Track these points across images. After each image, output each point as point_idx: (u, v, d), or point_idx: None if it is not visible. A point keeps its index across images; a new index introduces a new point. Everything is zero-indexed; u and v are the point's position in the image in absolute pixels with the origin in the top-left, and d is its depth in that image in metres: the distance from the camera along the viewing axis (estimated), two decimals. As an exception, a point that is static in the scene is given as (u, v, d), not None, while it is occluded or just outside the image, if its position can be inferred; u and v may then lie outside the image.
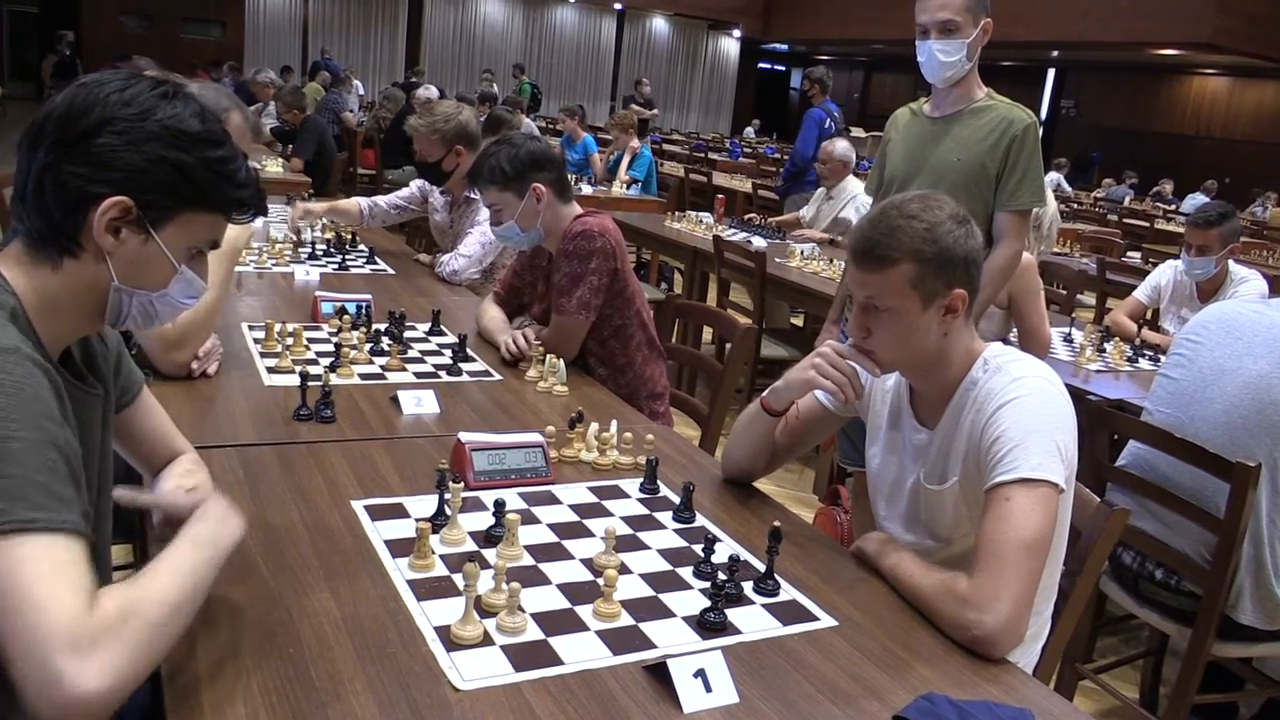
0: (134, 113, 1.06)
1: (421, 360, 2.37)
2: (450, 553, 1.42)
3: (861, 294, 1.51)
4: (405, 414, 1.98)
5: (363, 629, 1.20)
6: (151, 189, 1.08)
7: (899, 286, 1.46)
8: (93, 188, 1.06)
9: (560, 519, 1.58)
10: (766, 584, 1.41)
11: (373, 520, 1.49)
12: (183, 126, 1.09)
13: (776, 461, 1.81)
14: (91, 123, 1.06)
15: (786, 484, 3.98)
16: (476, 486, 1.65)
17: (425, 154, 3.44)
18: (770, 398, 1.70)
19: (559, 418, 1.99)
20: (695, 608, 1.33)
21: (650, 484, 1.73)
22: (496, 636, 1.21)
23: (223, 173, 1.12)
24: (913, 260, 1.45)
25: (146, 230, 1.10)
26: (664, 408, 2.60)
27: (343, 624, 1.20)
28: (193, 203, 1.11)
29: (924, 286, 1.46)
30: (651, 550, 1.50)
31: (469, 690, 1.11)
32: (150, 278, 1.12)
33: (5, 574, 0.89)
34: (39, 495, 0.93)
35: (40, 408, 0.97)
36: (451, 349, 2.40)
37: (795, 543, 1.57)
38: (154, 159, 1.06)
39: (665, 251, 6.08)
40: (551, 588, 1.35)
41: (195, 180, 1.10)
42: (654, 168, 8.06)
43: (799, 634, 1.31)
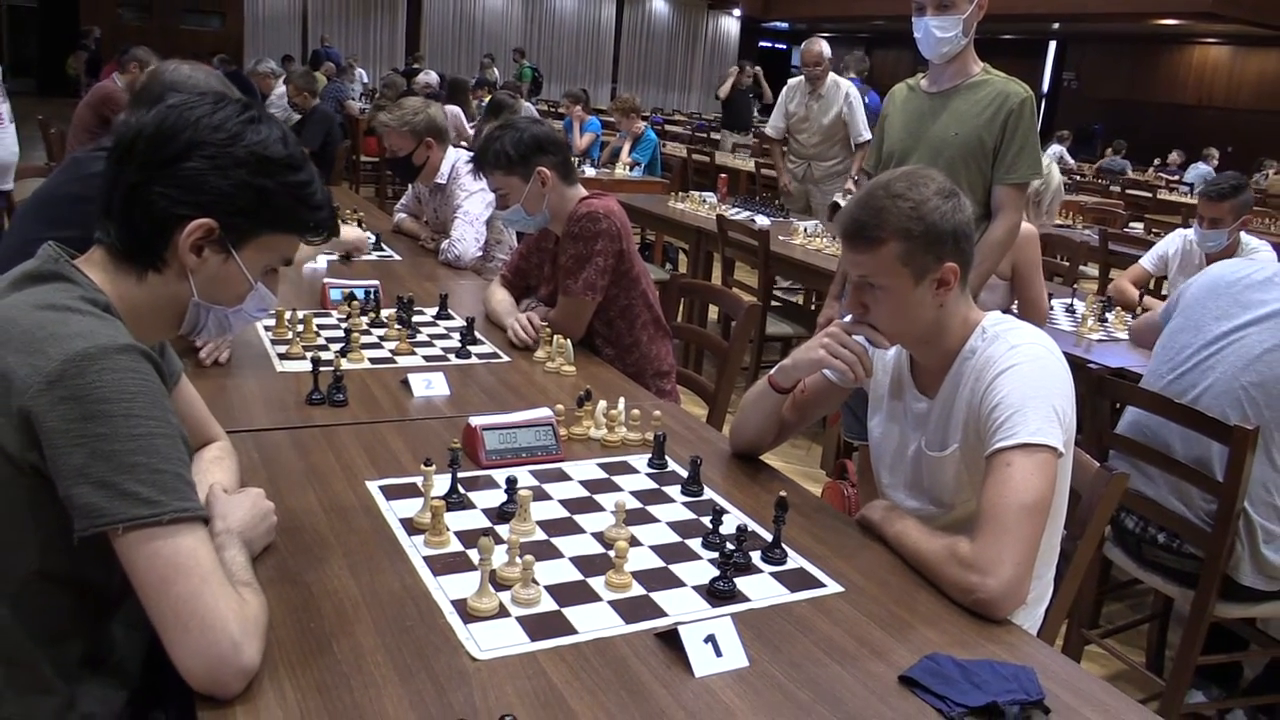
0: (223, 138, 1.09)
1: (430, 344, 2.39)
2: (463, 529, 1.44)
3: (856, 273, 1.52)
4: (416, 396, 2.00)
5: (381, 604, 1.22)
6: (235, 212, 1.11)
7: (890, 265, 1.47)
8: (180, 210, 1.10)
9: (571, 494, 1.59)
10: (774, 553, 1.42)
11: (387, 500, 1.51)
12: (268, 153, 1.12)
13: (783, 435, 1.82)
14: (181, 146, 1.08)
15: (794, 460, 3.99)
16: (489, 465, 1.67)
17: (395, 148, 3.46)
18: (778, 376, 1.71)
19: (567, 397, 2.00)
20: (705, 577, 1.35)
21: (658, 459, 1.74)
22: (511, 608, 1.23)
23: (301, 197, 1.15)
24: (901, 239, 1.46)
25: (228, 250, 1.14)
26: (671, 386, 2.61)
27: (362, 600, 1.22)
28: (272, 225, 1.15)
29: (914, 263, 1.47)
30: (661, 523, 1.52)
31: (486, 660, 1.12)
32: (227, 293, 1.17)
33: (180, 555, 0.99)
34: (185, 486, 1.02)
35: (166, 402, 1.03)
36: (460, 332, 2.41)
37: (801, 513, 1.59)
38: (239, 184, 1.10)
39: (669, 232, 6.07)
40: (564, 561, 1.37)
41: (276, 205, 1.13)
42: (658, 150, 8.05)
43: (806, 600, 1.33)
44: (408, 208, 3.89)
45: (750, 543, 1.44)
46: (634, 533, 1.46)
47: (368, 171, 9.12)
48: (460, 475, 1.56)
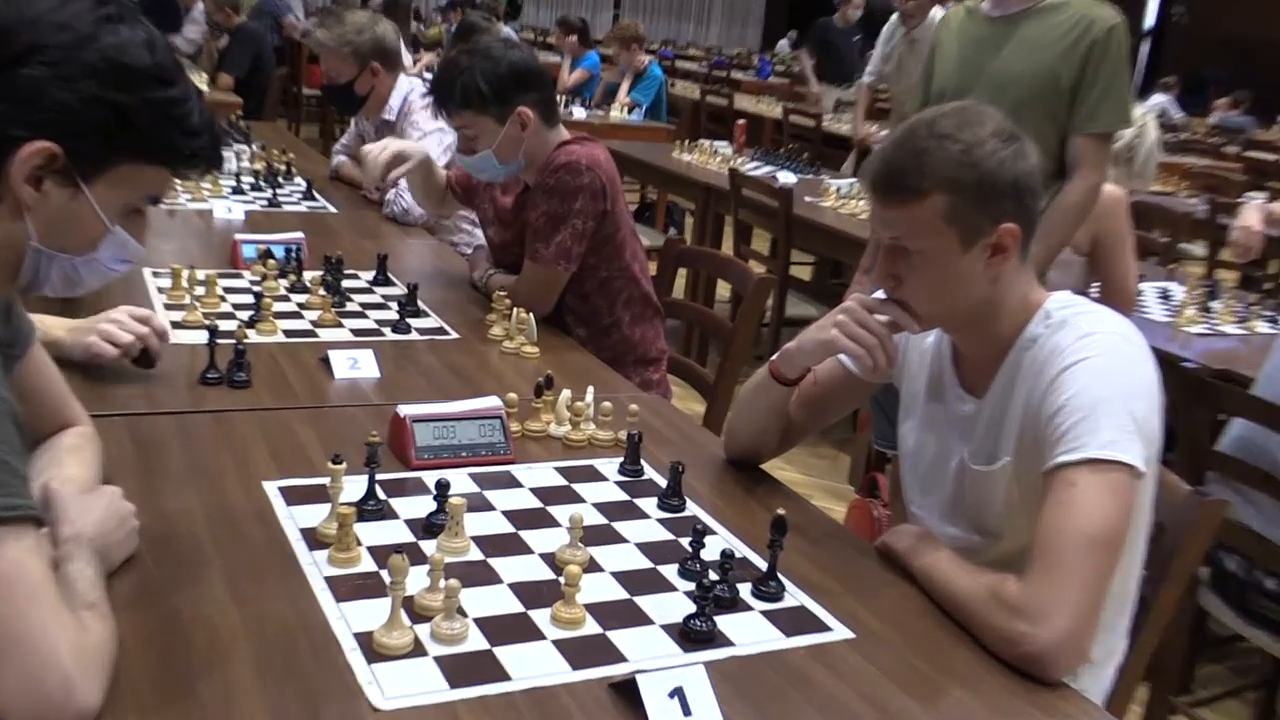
0: (69, 40, 1.04)
1: (362, 315, 2.37)
2: (380, 544, 1.41)
3: (887, 234, 1.49)
4: (337, 378, 1.99)
5: (267, 635, 1.20)
6: (84, 135, 1.06)
7: (931, 224, 1.44)
8: (12, 130, 1.04)
9: (519, 504, 1.58)
10: (767, 586, 1.40)
11: (288, 504, 1.50)
12: (128, 60, 1.06)
13: (790, 439, 1.81)
14: (15, 50, 1.03)
15: (816, 472, 3.99)
16: (420, 466, 1.65)
17: (334, 74, 3.43)
18: (781, 362, 1.68)
19: (527, 384, 1.98)
20: (678, 614, 1.32)
21: (632, 464, 1.73)
22: (430, 645, 1.21)
23: (171, 117, 1.10)
24: (947, 190, 1.43)
25: (75, 183, 1.09)
26: (659, 375, 2.60)
27: (243, 629, 1.20)
28: (133, 152, 1.11)
29: (963, 222, 1.44)
30: (628, 544, 1.51)
31: (390, 710, 1.10)
32: (76, 238, 1.12)
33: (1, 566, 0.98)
34: (12, 479, 0.99)
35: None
36: (399, 301, 2.40)
37: (807, 537, 1.57)
38: (89, 99, 1.05)
39: (673, 188, 6.06)
40: (502, 588, 1.35)
41: (137, 127, 1.08)
42: (664, 89, 8.02)
43: (805, 647, 1.31)
44: (348, 149, 3.87)
45: (738, 572, 1.42)
46: (593, 555, 1.45)
47: (312, 107, 9.11)
48: (381, 477, 1.54)
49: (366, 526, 1.45)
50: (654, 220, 6.78)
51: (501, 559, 1.42)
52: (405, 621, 1.21)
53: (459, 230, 3.45)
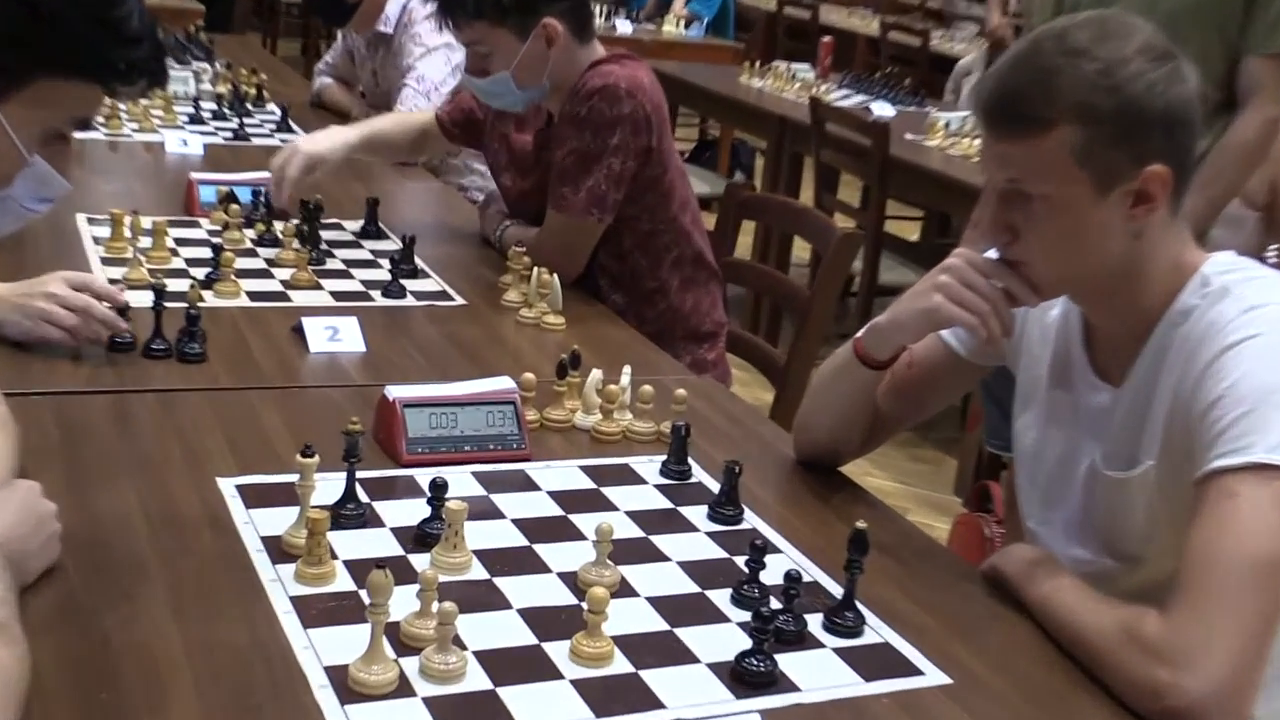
0: None
1: (346, 274, 2.37)
2: (359, 557, 1.42)
3: (1002, 175, 1.47)
4: (313, 352, 2.00)
5: (217, 667, 1.20)
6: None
7: (1058, 163, 1.42)
8: None
9: (535, 512, 1.59)
10: (843, 618, 1.40)
11: (247, 507, 1.51)
12: None
13: (878, 436, 1.80)
14: None
15: (913, 479, 3.97)
16: (412, 462, 1.66)
17: None
18: (869, 339, 1.68)
19: (549, 362, 1.99)
20: (730, 650, 1.32)
21: (678, 463, 1.73)
22: (418, 684, 1.21)
23: (104, 20, 1.11)
24: (1079, 121, 1.41)
25: None
26: (715, 354, 2.60)
27: (186, 659, 1.21)
28: (55, 64, 1.11)
29: (1098, 162, 1.42)
30: (670, 562, 1.51)
31: (368, 762, 1.11)
32: None
33: None
34: None
35: None
36: (392, 258, 2.41)
37: (897, 558, 1.56)
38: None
39: (741, 123, 6.05)
40: (510, 614, 1.36)
41: (61, 33, 1.09)
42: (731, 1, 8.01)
43: (889, 694, 1.31)
44: (334, 68, 3.89)
45: (807, 600, 1.41)
46: (625, 575, 1.45)
47: (292, 18, 9.18)
48: (363, 475, 1.54)
49: (343, 536, 1.46)
50: (715, 162, 6.76)
51: (510, 579, 1.42)
52: (389, 654, 1.21)
53: (469, 171, 3.46)
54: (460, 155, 3.48)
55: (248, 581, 1.36)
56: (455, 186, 3.35)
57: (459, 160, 3.49)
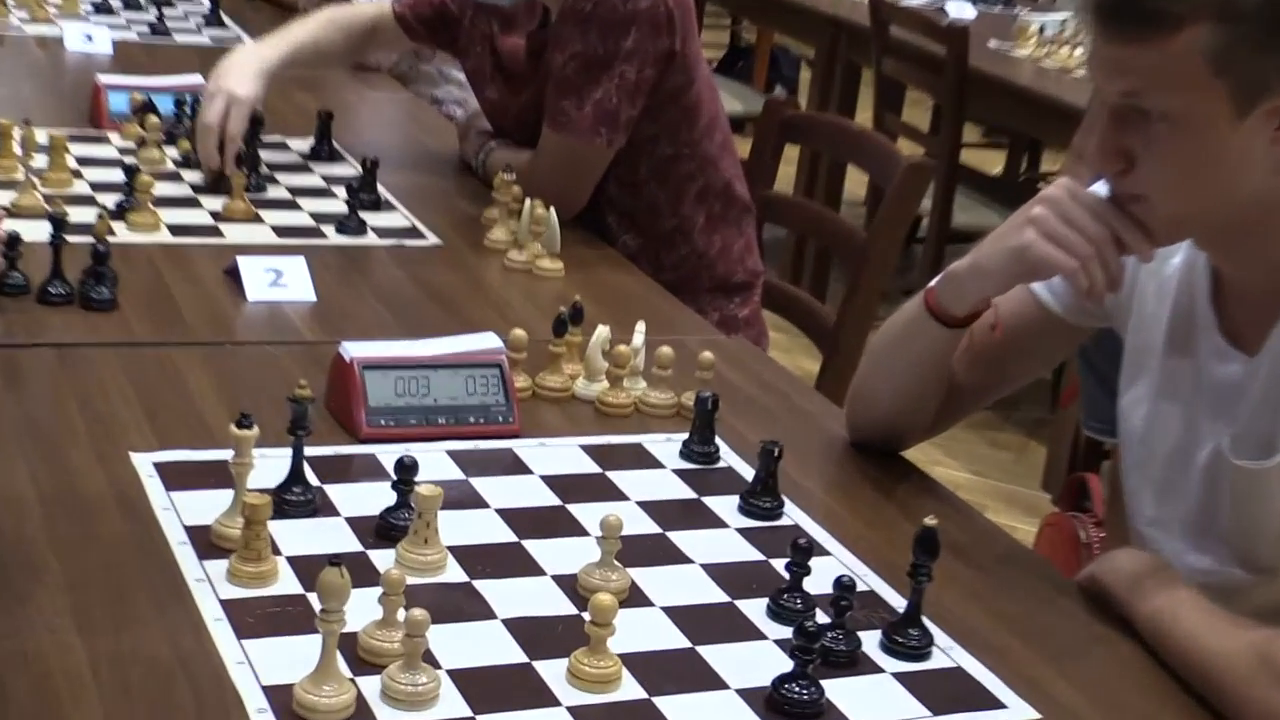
0: None
1: (292, 204, 2.38)
2: (307, 553, 1.42)
3: (1115, 87, 1.46)
4: (251, 300, 2.01)
5: (129, 687, 1.20)
6: None
7: (1188, 71, 1.41)
8: None
9: (526, 501, 1.60)
10: (906, 636, 1.40)
11: (169, 489, 1.51)
12: None
13: (952, 412, 1.81)
14: None
15: (992, 470, 3.98)
16: (373, 437, 1.66)
17: None
18: (943, 290, 1.67)
19: (542, 315, 1.98)
20: (766, 674, 1.32)
21: (702, 443, 1.73)
22: (380, 709, 1.21)
23: None
24: (1218, 17, 1.39)
25: None
26: (749, 310, 2.61)
27: (91, 676, 1.21)
28: None
29: (1239, 70, 1.40)
30: (692, 565, 1.52)
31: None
32: None
33: None
34: None
35: None
36: (350, 186, 2.41)
37: (974, 564, 1.57)
38: None
39: (783, 25, 6.02)
40: (493, 626, 1.36)
41: None
42: None
43: None
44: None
45: (862, 613, 1.43)
46: (636, 580, 1.46)
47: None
48: (313, 452, 1.55)
49: (288, 526, 1.46)
50: (750, 74, 6.75)
51: (495, 582, 1.43)
52: (343, 671, 1.21)
53: (444, 80, 3.44)
54: (433, 60, 3.46)
55: (168, 581, 1.35)
56: (428, 99, 3.33)
57: (431, 66, 3.47)
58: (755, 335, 2.55)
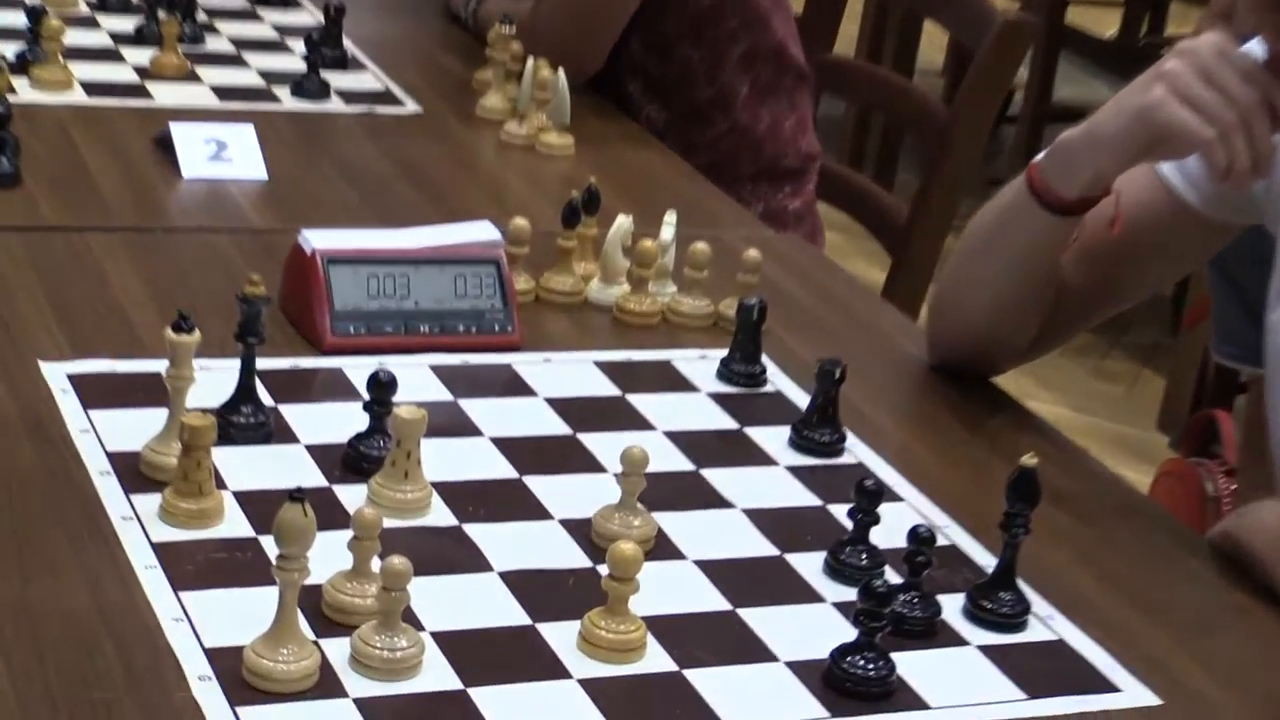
0: None
1: (237, 60, 2.39)
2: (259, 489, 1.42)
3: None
4: (187, 177, 2.02)
5: (40, 647, 1.20)
6: None
7: None
8: None
9: (528, 428, 1.61)
10: (998, 602, 1.41)
11: (87, 408, 1.52)
12: None
13: (1058, 329, 1.82)
14: None
15: (1096, 405, 3.99)
16: (339, 347, 1.67)
17: None
18: (1051, 163, 1.67)
19: (548, 202, 1.99)
20: (824, 644, 1.32)
21: (746, 362, 1.74)
22: (350, 679, 1.21)
23: None
24: None
25: None
26: (802, 201, 2.62)
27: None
28: None
29: None
30: (733, 510, 1.53)
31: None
32: None
33: None
34: None
35: None
36: (309, 39, 2.39)
37: (1080, 515, 1.57)
38: None
39: None
40: (489, 579, 1.37)
41: None
42: None
43: (1066, 716, 1.32)
44: None
45: (944, 574, 1.43)
46: (664, 527, 1.47)
47: None
48: (268, 365, 1.56)
49: (236, 454, 1.46)
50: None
51: (490, 526, 1.43)
52: (304, 633, 1.22)
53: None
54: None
55: (88, 520, 1.36)
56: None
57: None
58: (808, 233, 2.55)
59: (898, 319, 1.98)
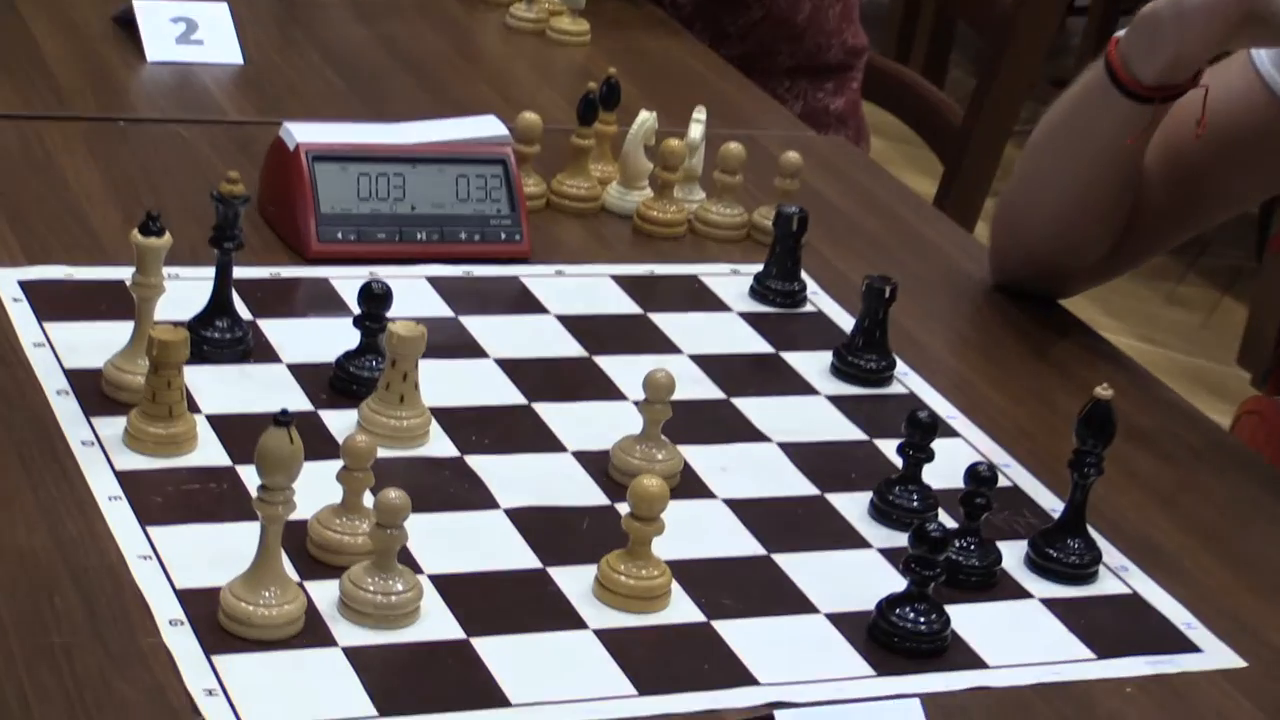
0: None
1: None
2: (237, 412, 1.42)
3: None
4: (151, 60, 2.02)
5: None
6: None
7: None
8: None
9: (538, 349, 1.62)
10: (1065, 551, 1.41)
11: (42, 320, 1.52)
12: None
13: (1134, 246, 1.82)
14: None
15: (1169, 335, 4.00)
16: (325, 255, 1.67)
17: None
18: (1132, 39, 1.66)
19: (561, 95, 1.99)
20: (869, 595, 1.33)
21: (783, 278, 1.74)
22: (339, 626, 1.22)
23: None
24: None
25: None
26: (846, 100, 2.62)
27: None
28: None
29: None
30: (769, 444, 1.53)
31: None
32: None
33: None
34: None
35: None
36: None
37: (1159, 453, 1.58)
38: None
39: None
40: (494, 517, 1.38)
41: None
42: None
43: (1141, 680, 1.32)
44: None
45: (1005, 518, 1.43)
46: (691, 461, 1.47)
47: None
48: (245, 274, 1.56)
49: (210, 374, 1.47)
50: None
51: (497, 459, 1.44)
52: (288, 573, 1.23)
53: None
54: None
55: (43, 445, 1.36)
56: None
57: None
58: (851, 136, 2.55)
59: (955, 232, 1.97)
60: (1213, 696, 1.31)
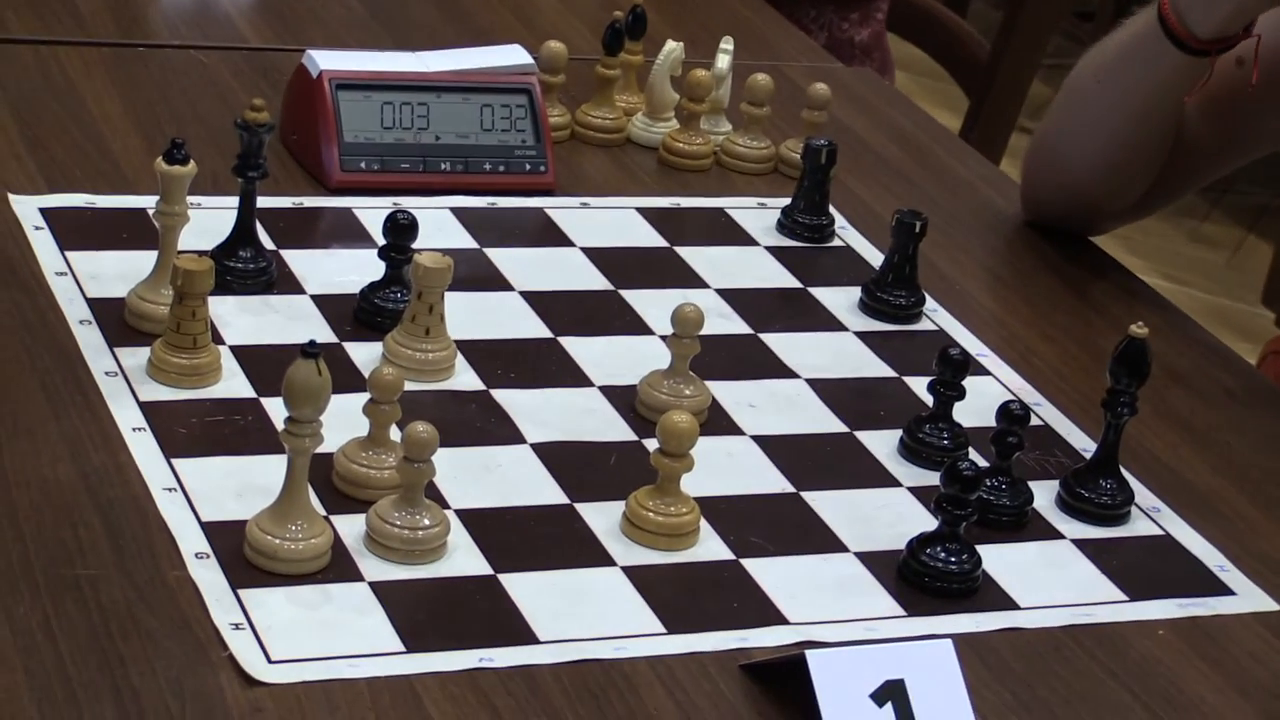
0: None
1: None
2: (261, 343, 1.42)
3: None
4: None
5: (14, 518, 1.21)
6: None
7: None
8: None
9: (564, 282, 1.62)
10: (1097, 491, 1.41)
11: (64, 249, 1.52)
12: None
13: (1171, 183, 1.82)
14: None
15: (1194, 274, 4.01)
16: (349, 184, 1.67)
17: None
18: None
19: (585, 24, 1.99)
20: (899, 534, 1.33)
21: (811, 212, 1.74)
22: (365, 561, 1.23)
23: None
24: None
25: None
26: (869, 32, 2.62)
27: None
28: None
29: None
30: (797, 380, 1.54)
31: (281, 683, 1.11)
32: None
33: None
34: None
35: None
36: None
37: (1193, 392, 1.58)
38: None
39: None
40: (521, 452, 1.39)
41: None
42: None
43: (1173, 621, 1.33)
44: None
45: (1036, 457, 1.43)
46: (719, 398, 1.47)
47: None
48: (269, 203, 1.56)
49: (233, 305, 1.47)
50: None
51: (523, 393, 1.45)
52: (314, 507, 1.23)
53: None
54: None
55: (66, 375, 1.37)
56: None
57: None
58: (880, 64, 2.54)
59: (985, 167, 1.97)
60: (1245, 639, 1.31)
